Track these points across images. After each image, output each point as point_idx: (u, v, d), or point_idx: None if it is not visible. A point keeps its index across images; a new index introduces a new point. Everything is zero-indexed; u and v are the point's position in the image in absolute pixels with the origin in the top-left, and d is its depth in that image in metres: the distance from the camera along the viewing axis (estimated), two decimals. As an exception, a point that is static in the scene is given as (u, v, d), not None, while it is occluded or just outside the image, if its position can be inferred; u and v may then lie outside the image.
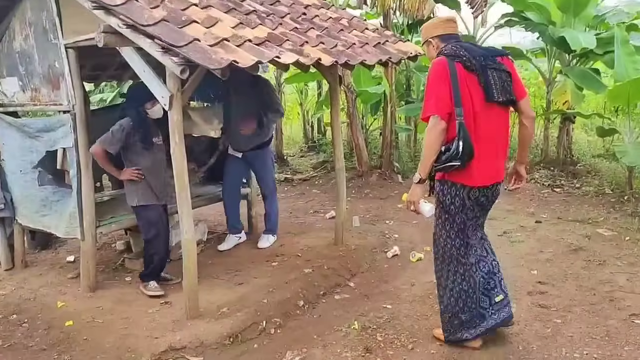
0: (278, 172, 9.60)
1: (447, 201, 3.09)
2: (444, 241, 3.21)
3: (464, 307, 3.22)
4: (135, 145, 4.07)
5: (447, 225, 3.16)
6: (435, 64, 2.96)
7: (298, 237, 5.67)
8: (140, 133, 4.03)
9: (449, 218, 3.13)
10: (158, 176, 4.20)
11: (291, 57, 3.34)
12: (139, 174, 4.09)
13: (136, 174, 4.08)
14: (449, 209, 3.10)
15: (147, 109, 4.02)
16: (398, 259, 4.98)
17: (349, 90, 7.77)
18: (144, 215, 4.20)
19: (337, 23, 4.79)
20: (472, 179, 3.00)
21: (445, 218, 3.14)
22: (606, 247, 4.97)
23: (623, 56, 6.22)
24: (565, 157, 8.21)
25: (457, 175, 3.00)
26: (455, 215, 3.11)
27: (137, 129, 4.02)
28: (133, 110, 4.02)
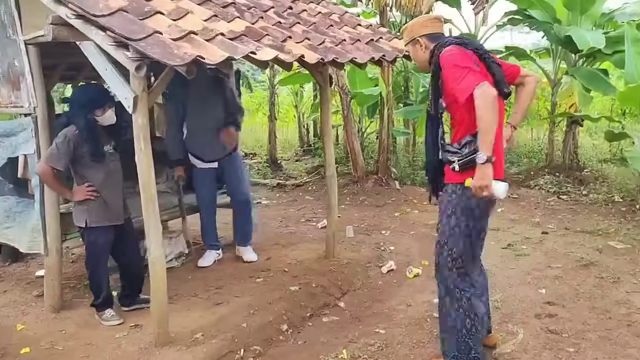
0: (271, 178, 9.23)
1: (473, 204, 2.72)
2: (462, 251, 2.81)
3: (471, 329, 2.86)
4: (84, 157, 3.54)
5: (470, 233, 2.79)
6: (452, 49, 2.66)
7: (287, 249, 5.28)
8: (90, 143, 3.50)
9: (475, 225, 2.78)
10: (114, 190, 3.69)
11: (269, 54, 2.96)
12: (93, 191, 3.57)
13: (91, 192, 3.56)
14: (474, 213, 2.75)
15: (97, 116, 3.51)
16: (394, 275, 4.58)
17: (343, 92, 7.39)
18: (93, 239, 3.67)
19: (327, 18, 4.41)
20: (494, 171, 2.61)
21: (466, 225, 2.77)
22: (620, 262, 4.57)
23: (634, 56, 5.83)
24: (571, 162, 7.83)
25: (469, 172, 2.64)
26: (481, 220, 2.79)
27: (85, 138, 3.49)
28: (80, 118, 3.49)
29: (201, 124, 4.57)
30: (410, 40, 2.93)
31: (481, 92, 2.51)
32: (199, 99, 4.53)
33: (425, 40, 2.87)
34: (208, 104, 4.53)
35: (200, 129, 4.59)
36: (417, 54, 2.94)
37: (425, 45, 2.87)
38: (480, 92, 2.51)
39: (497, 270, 4.48)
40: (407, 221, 6.23)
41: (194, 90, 4.51)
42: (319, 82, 4.57)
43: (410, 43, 2.94)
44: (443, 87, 2.71)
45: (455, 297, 2.85)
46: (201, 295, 4.18)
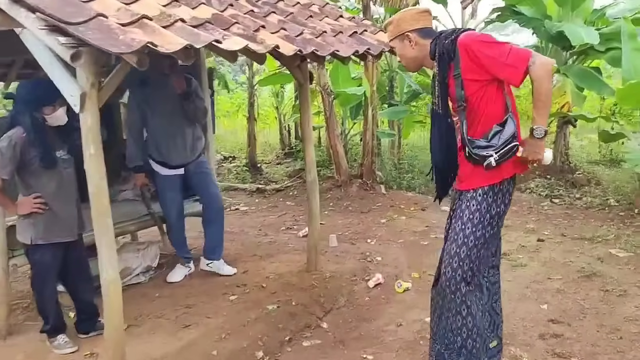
0: (250, 182, 8.81)
1: (498, 201, 2.51)
2: (476, 262, 2.53)
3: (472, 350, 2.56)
4: (33, 164, 3.08)
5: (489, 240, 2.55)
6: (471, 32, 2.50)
7: (265, 260, 4.87)
8: (39, 147, 3.05)
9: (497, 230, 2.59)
10: (67, 201, 3.23)
11: (238, 43, 2.55)
12: (41, 203, 3.11)
13: (38, 205, 3.10)
14: (500, 210, 2.53)
15: (45, 115, 3.06)
16: (381, 289, 4.19)
17: (325, 92, 7.00)
18: (39, 258, 3.19)
19: (307, 9, 4.02)
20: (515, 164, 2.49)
21: (486, 234, 2.51)
22: (624, 272, 4.24)
23: (631, 52, 5.53)
24: (562, 164, 7.54)
25: (502, 166, 2.42)
26: (503, 217, 2.58)
27: (33, 142, 3.04)
28: (26, 117, 3.04)
29: (165, 127, 4.14)
30: (397, 35, 2.58)
31: (540, 62, 2.29)
32: (162, 100, 4.09)
33: (415, 35, 2.54)
34: (173, 105, 4.08)
35: (164, 132, 4.16)
36: (405, 51, 2.59)
37: (415, 41, 2.54)
38: (539, 61, 2.29)
39: (493, 283, 4.11)
40: (394, 228, 5.86)
41: (157, 90, 4.08)
42: (298, 79, 4.16)
43: (397, 38, 2.59)
44: (466, 74, 2.40)
45: (461, 314, 2.53)
46: (168, 315, 3.75)
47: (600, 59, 6.97)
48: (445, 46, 2.45)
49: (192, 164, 4.32)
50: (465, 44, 2.39)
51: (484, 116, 2.45)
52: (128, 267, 4.52)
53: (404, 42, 2.56)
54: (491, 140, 2.42)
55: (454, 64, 2.43)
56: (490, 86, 2.43)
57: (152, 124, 4.20)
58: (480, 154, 2.43)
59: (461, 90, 2.44)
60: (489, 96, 2.43)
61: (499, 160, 2.39)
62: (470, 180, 2.55)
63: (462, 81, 2.43)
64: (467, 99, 2.44)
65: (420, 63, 2.63)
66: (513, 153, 2.42)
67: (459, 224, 2.54)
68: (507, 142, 2.38)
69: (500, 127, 2.42)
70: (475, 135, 2.47)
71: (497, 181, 2.50)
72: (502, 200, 2.55)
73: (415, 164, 8.31)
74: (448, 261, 2.55)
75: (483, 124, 2.46)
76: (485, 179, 2.49)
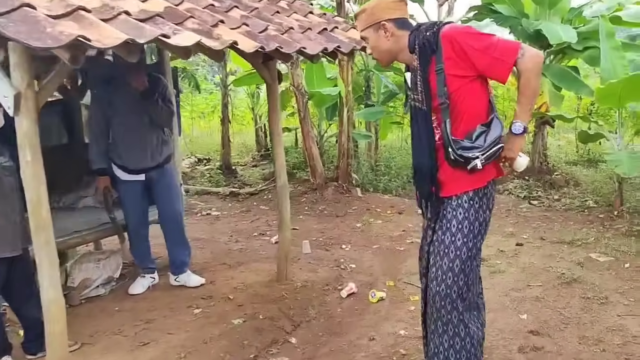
0: (224, 185, 8.54)
1: (484, 206, 2.34)
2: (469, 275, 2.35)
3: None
4: None
5: (477, 251, 2.38)
6: (455, 24, 2.35)
7: (234, 270, 4.64)
8: None
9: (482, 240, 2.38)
10: (9, 213, 2.94)
11: (189, 39, 2.32)
12: None
13: None
14: (486, 217, 2.37)
15: None
16: (355, 299, 3.98)
17: (299, 92, 6.77)
18: None
19: (274, 5, 3.79)
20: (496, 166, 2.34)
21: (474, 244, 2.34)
22: (605, 278, 4.10)
23: (609, 51, 5.42)
24: (540, 165, 7.43)
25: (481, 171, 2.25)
26: (489, 224, 2.42)
27: None
28: None
29: (126, 129, 3.88)
30: (371, 24, 2.34)
31: (530, 55, 2.13)
32: (125, 99, 3.83)
33: (392, 25, 2.31)
34: (136, 106, 3.83)
35: (124, 134, 3.90)
36: (379, 42, 2.36)
37: (391, 32, 2.31)
38: (529, 54, 2.13)
39: (471, 291, 3.94)
40: (369, 233, 5.66)
41: (121, 88, 3.82)
42: (265, 78, 3.95)
43: (371, 28, 2.35)
44: (449, 69, 2.21)
45: (460, 335, 2.34)
46: (127, 332, 3.50)
47: (578, 58, 6.87)
48: (427, 38, 2.24)
49: (155, 172, 4.05)
50: (450, 36, 2.20)
51: (467, 115, 2.26)
52: (88, 279, 4.26)
53: (378, 32, 2.33)
54: (476, 141, 2.23)
55: (435, 57, 2.24)
56: (474, 83, 2.24)
57: (114, 125, 3.94)
58: (465, 155, 2.24)
59: (443, 87, 2.24)
60: (473, 94, 2.24)
61: (485, 163, 2.21)
62: (452, 186, 2.34)
63: (444, 77, 2.23)
64: (450, 96, 2.24)
65: (394, 56, 2.41)
66: (498, 156, 2.25)
67: (447, 236, 2.32)
68: (494, 143, 2.20)
69: (486, 127, 2.24)
70: (457, 135, 2.27)
71: (482, 185, 2.31)
72: (487, 205, 2.37)
73: (392, 166, 8.13)
74: (441, 278, 2.32)
75: (466, 123, 2.26)
76: (468, 183, 2.29)
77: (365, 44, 2.54)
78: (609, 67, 5.33)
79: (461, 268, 2.30)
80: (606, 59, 5.38)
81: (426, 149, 2.37)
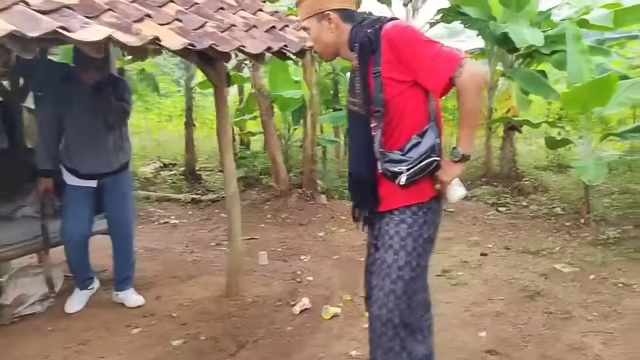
0: (186, 192, 8.23)
1: (429, 222, 2.12)
2: (412, 299, 2.14)
3: None
4: None
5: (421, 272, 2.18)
6: (400, 22, 2.07)
7: (184, 283, 4.35)
8: None
9: (426, 260, 2.19)
10: None
11: (98, 33, 2.05)
12: None
13: None
14: (432, 234, 2.16)
15: None
16: (307, 316, 3.73)
17: (261, 95, 6.51)
18: None
19: (219, 1, 3.54)
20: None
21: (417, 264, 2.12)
22: (569, 291, 3.93)
23: (576, 54, 5.29)
24: (509, 170, 7.30)
25: (423, 186, 2.08)
26: (435, 242, 2.23)
27: None
28: None
29: (79, 129, 3.58)
30: (315, 13, 2.10)
31: (469, 73, 1.90)
32: (80, 98, 3.52)
33: (337, 16, 2.08)
34: (93, 107, 3.52)
35: (78, 134, 3.59)
36: (322, 34, 2.12)
37: (336, 24, 2.09)
38: (468, 71, 1.90)
39: (430, 306, 3.73)
40: (331, 242, 5.43)
41: (76, 87, 3.52)
42: (212, 80, 3.68)
43: (313, 17, 2.11)
44: (388, 72, 1.99)
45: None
46: (55, 356, 3.21)
47: (546, 61, 6.75)
48: (368, 36, 2.02)
49: (109, 178, 3.74)
50: (390, 35, 1.98)
51: (405, 124, 2.05)
52: (23, 295, 3.92)
53: (321, 22, 2.10)
54: (407, 153, 2.02)
55: (375, 58, 2.01)
56: (415, 89, 2.02)
57: (67, 126, 3.63)
58: (391, 169, 2.03)
59: (380, 93, 2.02)
60: (413, 102, 2.03)
61: (412, 179, 1.99)
62: (394, 199, 2.12)
63: (381, 81, 2.02)
64: (387, 103, 2.02)
65: (337, 51, 2.18)
66: (432, 170, 2.03)
67: (389, 255, 2.10)
68: (424, 156, 1.99)
69: (420, 138, 2.03)
70: (393, 146, 2.06)
71: (426, 199, 2.10)
72: (433, 221, 2.16)
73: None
74: (382, 301, 2.10)
75: (406, 133, 2.05)
76: (412, 196, 2.08)
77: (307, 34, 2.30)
78: (575, 70, 5.20)
79: (404, 290, 2.08)
80: (573, 63, 5.25)
81: (364, 158, 2.14)
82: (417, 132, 2.04)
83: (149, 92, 9.80)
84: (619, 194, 6.39)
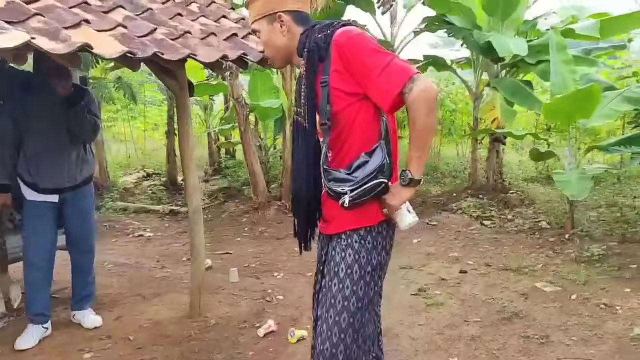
0: (166, 203, 8.03)
1: (379, 247, 1.94)
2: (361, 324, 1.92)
3: None
4: None
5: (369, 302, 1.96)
6: (352, 29, 1.85)
7: (147, 302, 4.15)
8: None
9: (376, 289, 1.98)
10: None
11: (14, 39, 1.86)
12: None
13: None
14: (381, 259, 1.96)
15: None
16: (272, 339, 3.52)
17: (238, 104, 6.34)
18: None
19: (179, 7, 3.37)
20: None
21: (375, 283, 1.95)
22: (548, 312, 3.73)
23: (559, 64, 5.14)
24: (495, 182, 7.13)
25: (372, 208, 1.90)
26: (386, 268, 2.02)
27: None
28: None
29: (43, 143, 3.37)
30: (266, 14, 1.93)
31: (420, 89, 1.73)
32: (43, 109, 3.33)
33: (290, 19, 1.92)
34: (55, 116, 3.33)
35: (39, 147, 3.38)
36: (273, 37, 1.95)
37: (288, 26, 1.92)
38: (419, 87, 1.73)
39: (401, 328, 3.54)
40: (307, 258, 5.16)
41: (38, 96, 3.33)
42: (171, 88, 3.51)
43: (264, 19, 1.94)
44: (336, 82, 1.82)
45: None
46: (-1, 384, 2.99)
47: (531, 72, 6.59)
48: (317, 41, 1.84)
49: (71, 193, 3.53)
50: (340, 43, 1.80)
51: (355, 141, 1.87)
52: (-23, 314, 3.74)
53: (273, 25, 1.93)
54: (353, 172, 1.84)
55: (324, 66, 1.84)
56: (365, 103, 1.84)
57: (26, 138, 3.39)
58: (334, 188, 1.85)
59: (327, 104, 1.84)
60: (363, 116, 1.85)
61: (355, 201, 1.81)
62: (340, 221, 1.94)
63: (329, 92, 1.84)
64: (334, 115, 1.85)
65: (289, 56, 2.00)
66: (379, 192, 1.84)
67: (335, 283, 1.91)
68: (370, 177, 1.81)
69: (368, 157, 1.84)
70: (340, 164, 1.89)
71: (375, 222, 1.92)
72: (383, 246, 1.97)
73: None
74: (326, 334, 1.90)
75: (355, 150, 1.87)
76: (360, 219, 1.90)
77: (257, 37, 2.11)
78: (558, 81, 5.03)
79: (349, 322, 1.89)
80: (556, 73, 5.09)
81: (308, 174, 1.96)
82: (367, 150, 1.86)
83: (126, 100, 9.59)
84: (606, 207, 6.21)
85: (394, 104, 1.78)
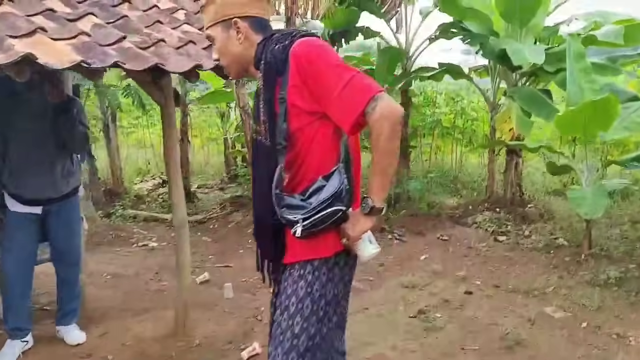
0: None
1: (336, 279, 1.77)
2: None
3: None
4: None
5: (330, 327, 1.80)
6: (314, 40, 1.72)
7: (135, 318, 4.02)
8: None
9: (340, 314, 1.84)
10: None
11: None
12: None
13: None
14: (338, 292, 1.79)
15: None
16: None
17: (245, 113, 6.21)
18: None
19: (163, 14, 3.24)
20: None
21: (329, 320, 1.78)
22: (555, 341, 3.45)
23: (577, 73, 4.83)
24: (513, 196, 6.80)
25: (328, 237, 1.72)
26: (346, 299, 1.88)
27: None
28: None
29: (28, 152, 3.27)
30: (220, 20, 1.78)
31: (383, 110, 1.57)
32: (29, 117, 3.23)
33: (246, 25, 1.77)
34: (43, 127, 3.24)
35: (27, 158, 3.28)
36: (228, 44, 1.80)
37: (245, 34, 1.77)
38: (382, 109, 1.57)
39: (393, 355, 3.32)
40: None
41: (25, 108, 3.24)
42: (155, 99, 3.38)
43: (219, 25, 1.79)
44: (293, 98, 1.66)
45: None
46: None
47: (550, 80, 6.27)
48: (274, 53, 1.69)
49: (56, 205, 3.43)
50: (298, 55, 1.65)
51: (313, 163, 1.71)
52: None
53: (229, 31, 1.79)
54: (308, 198, 1.67)
55: (282, 80, 1.67)
56: (325, 122, 1.68)
57: (11, 147, 3.31)
58: (286, 216, 1.67)
59: (283, 122, 1.68)
60: (321, 136, 1.69)
61: (309, 230, 1.63)
62: (295, 250, 1.78)
63: (286, 109, 1.67)
64: (291, 135, 1.68)
65: (245, 66, 1.84)
66: (336, 221, 1.66)
67: (284, 318, 1.75)
68: (325, 204, 1.63)
69: (325, 181, 1.67)
70: (296, 188, 1.72)
71: (331, 254, 1.74)
72: (340, 277, 1.79)
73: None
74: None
75: (312, 173, 1.71)
76: (314, 249, 1.74)
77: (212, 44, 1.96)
78: (575, 90, 4.73)
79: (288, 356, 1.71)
80: (573, 82, 4.78)
81: (267, 198, 1.78)
82: (325, 173, 1.68)
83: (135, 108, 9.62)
84: (630, 224, 5.83)
85: (356, 124, 1.61)
